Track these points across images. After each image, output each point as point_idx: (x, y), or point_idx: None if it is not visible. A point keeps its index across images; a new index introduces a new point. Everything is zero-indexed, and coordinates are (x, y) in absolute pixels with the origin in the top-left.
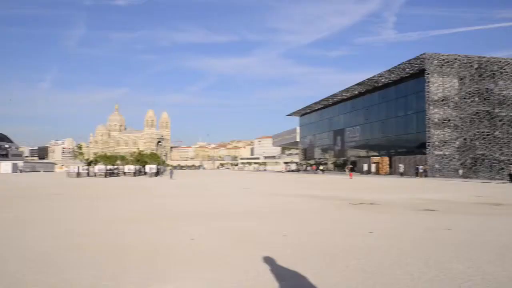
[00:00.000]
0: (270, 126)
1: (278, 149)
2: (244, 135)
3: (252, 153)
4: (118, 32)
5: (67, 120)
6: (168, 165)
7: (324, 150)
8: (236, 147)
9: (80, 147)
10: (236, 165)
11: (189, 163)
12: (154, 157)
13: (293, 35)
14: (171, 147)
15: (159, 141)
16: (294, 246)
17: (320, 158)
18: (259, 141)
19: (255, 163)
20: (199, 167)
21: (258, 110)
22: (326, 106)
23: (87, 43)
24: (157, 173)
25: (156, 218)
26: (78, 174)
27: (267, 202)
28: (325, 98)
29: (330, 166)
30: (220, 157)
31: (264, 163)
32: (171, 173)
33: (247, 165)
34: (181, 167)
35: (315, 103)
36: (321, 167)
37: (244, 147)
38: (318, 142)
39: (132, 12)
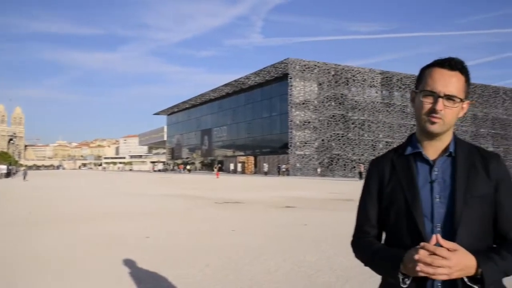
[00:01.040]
0: (137, 125)
1: (145, 148)
2: (109, 134)
3: (117, 153)
4: None
5: None
6: (21, 165)
7: (192, 150)
8: (100, 146)
9: None
10: (100, 165)
11: (47, 162)
12: (4, 157)
13: (163, 33)
14: (26, 146)
15: (11, 139)
16: (156, 247)
17: (187, 158)
18: (125, 140)
19: (121, 162)
20: (58, 167)
21: (125, 108)
22: (194, 106)
23: None
24: (8, 174)
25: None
26: None
27: (130, 203)
28: (193, 97)
29: (198, 165)
30: (82, 156)
31: (130, 163)
32: (25, 173)
33: (111, 165)
34: (38, 167)
35: (183, 103)
36: (187, 167)
37: (109, 146)
38: (185, 141)
39: None
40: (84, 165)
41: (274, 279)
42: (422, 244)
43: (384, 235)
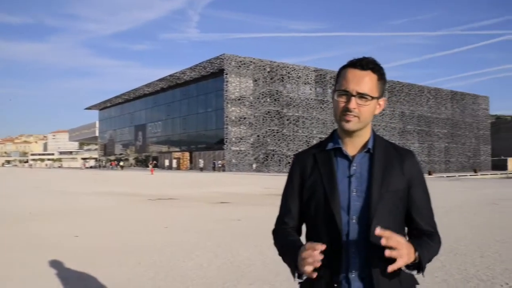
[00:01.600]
0: (66, 120)
1: (76, 144)
2: (37, 129)
3: (45, 149)
4: None
5: None
6: None
7: (126, 146)
8: (26, 142)
9: None
10: (26, 161)
11: None
12: None
13: (95, 24)
14: None
15: None
16: (85, 247)
17: (121, 154)
18: (54, 135)
19: (49, 159)
20: None
21: (53, 102)
22: (127, 101)
23: None
24: None
25: None
26: None
27: (59, 201)
28: (127, 92)
29: (132, 162)
30: (6, 153)
31: (60, 160)
32: None
33: (39, 161)
34: None
35: (116, 97)
36: (121, 163)
37: (36, 142)
38: (119, 137)
39: None
40: (8, 162)
41: (206, 274)
42: (307, 245)
43: (304, 228)
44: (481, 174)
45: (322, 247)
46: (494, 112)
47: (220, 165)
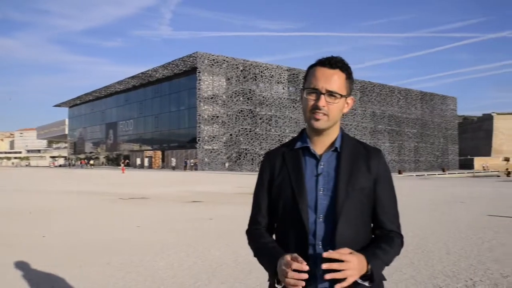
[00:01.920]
0: (35, 117)
1: (44, 142)
2: (3, 127)
3: (12, 147)
4: None
5: None
6: None
7: (96, 144)
8: None
9: None
10: None
11: None
12: None
13: (65, 20)
14: None
15: None
16: (53, 247)
17: (91, 152)
18: (21, 133)
19: (16, 157)
20: None
21: (21, 99)
22: (98, 98)
23: None
24: None
25: None
26: None
27: (26, 200)
28: (98, 89)
29: (103, 160)
30: None
31: (27, 158)
32: None
33: (5, 160)
34: None
35: (87, 94)
36: (91, 162)
37: (2, 140)
38: (89, 135)
39: None
40: None
41: (177, 274)
42: (293, 256)
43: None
44: (449, 173)
45: (306, 268)
46: (461, 112)
47: (192, 164)
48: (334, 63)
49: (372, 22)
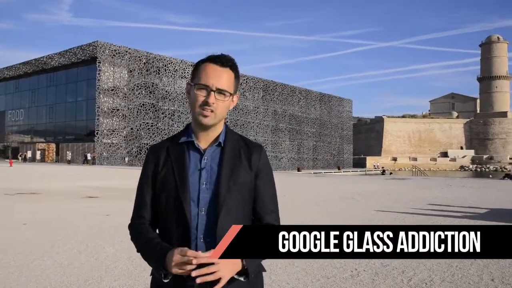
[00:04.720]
0: None
1: None
2: None
3: None
4: None
5: None
6: None
7: None
8: None
9: None
10: None
11: None
12: None
13: None
14: None
15: None
16: None
17: None
18: None
19: None
20: None
21: None
22: None
23: None
24: None
25: None
26: None
27: None
28: None
29: None
30: None
31: None
32: None
33: None
34: None
35: None
36: None
37: None
38: None
39: None
40: None
41: (67, 272)
42: (184, 250)
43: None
44: (343, 171)
45: (195, 261)
46: (356, 114)
47: (90, 158)
48: (225, 61)
49: (276, 23)
